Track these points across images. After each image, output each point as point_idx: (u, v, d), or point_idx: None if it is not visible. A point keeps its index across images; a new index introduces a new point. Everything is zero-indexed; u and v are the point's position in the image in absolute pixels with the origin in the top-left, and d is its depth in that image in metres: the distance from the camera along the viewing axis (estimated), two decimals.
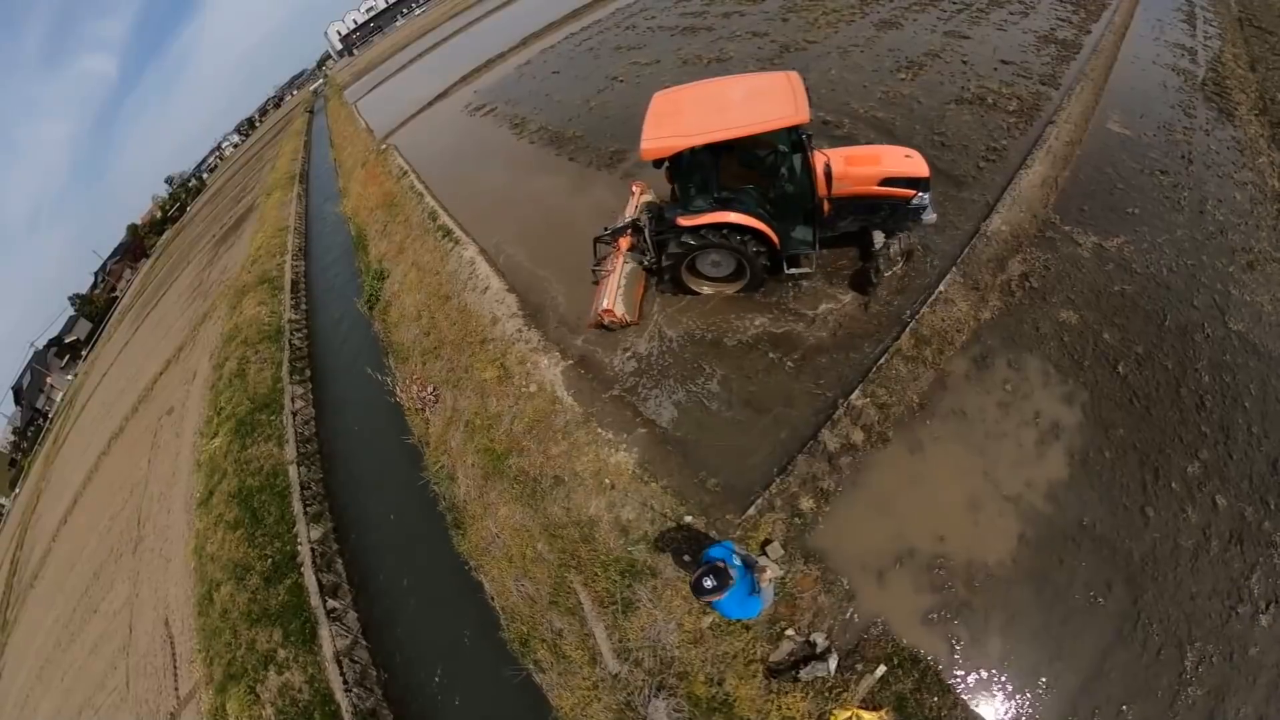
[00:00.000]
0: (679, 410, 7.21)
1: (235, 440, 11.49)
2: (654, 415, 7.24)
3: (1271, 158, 9.89)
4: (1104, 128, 10.48)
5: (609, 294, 8.13)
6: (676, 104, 7.14)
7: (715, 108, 6.77)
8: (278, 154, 46.46)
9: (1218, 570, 5.11)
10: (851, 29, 16.63)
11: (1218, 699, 4.56)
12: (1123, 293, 7.35)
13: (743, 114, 6.45)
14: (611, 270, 8.55)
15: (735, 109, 6.60)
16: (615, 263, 8.60)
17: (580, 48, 24.26)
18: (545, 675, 5.98)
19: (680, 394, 7.38)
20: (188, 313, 24.16)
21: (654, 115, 6.96)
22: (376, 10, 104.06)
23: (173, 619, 9.40)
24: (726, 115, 6.51)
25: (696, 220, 7.03)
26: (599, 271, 8.94)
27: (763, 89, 6.86)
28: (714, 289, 8.21)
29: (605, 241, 9.05)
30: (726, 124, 6.38)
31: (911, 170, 7.23)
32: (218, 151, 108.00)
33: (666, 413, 7.23)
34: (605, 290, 8.30)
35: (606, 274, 8.66)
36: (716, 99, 6.97)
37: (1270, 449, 5.77)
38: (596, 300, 8.41)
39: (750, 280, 7.85)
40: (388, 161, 21.18)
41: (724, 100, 6.87)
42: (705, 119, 6.60)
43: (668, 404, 7.33)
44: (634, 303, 8.35)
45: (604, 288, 8.42)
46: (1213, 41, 14.51)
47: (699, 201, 7.10)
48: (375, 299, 13.55)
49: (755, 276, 7.74)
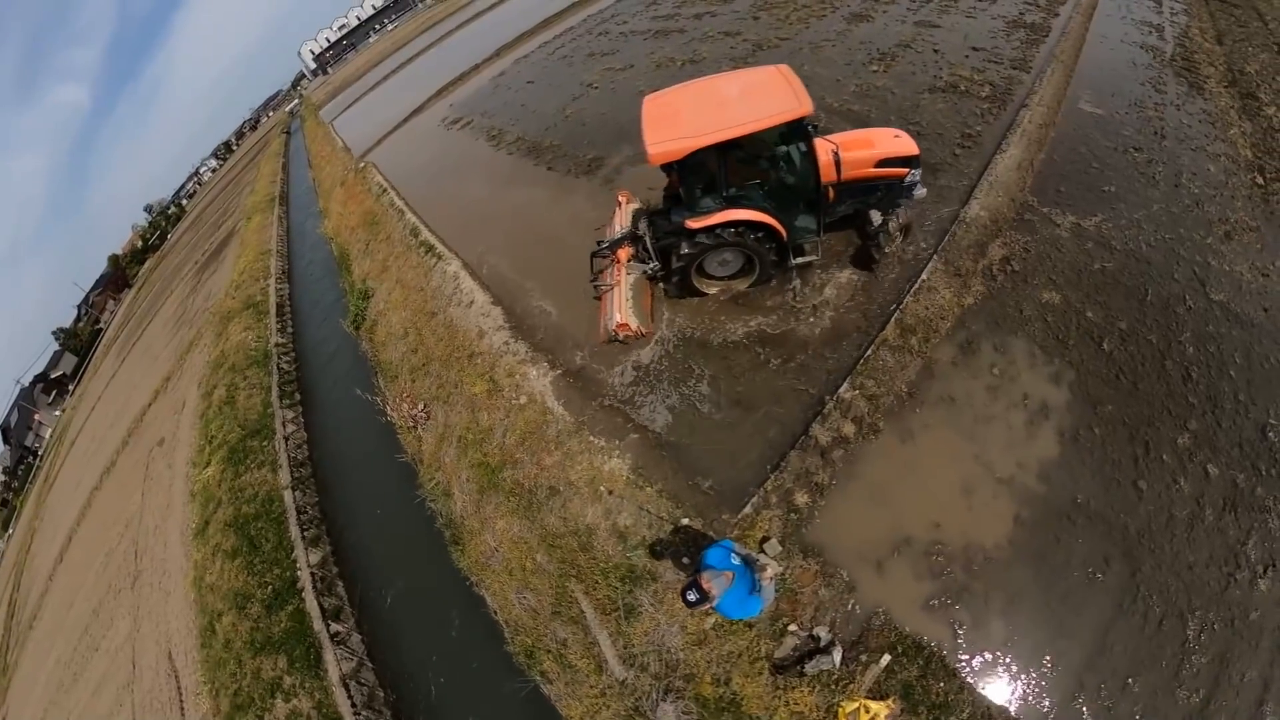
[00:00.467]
0: (674, 415, 7.22)
1: (228, 468, 11.39)
2: (649, 420, 7.23)
3: (1242, 128, 10.01)
4: (1076, 108, 10.59)
5: (618, 307, 8.01)
6: (671, 106, 7.01)
7: (714, 106, 6.67)
8: (256, 176, 46.20)
9: (1214, 538, 5.15)
10: (823, 24, 16.74)
11: (1221, 665, 4.59)
12: (1103, 270, 7.42)
13: (746, 110, 6.38)
14: (615, 283, 8.39)
15: (735, 106, 6.52)
16: (617, 275, 8.44)
17: (554, 56, 24.28)
18: (553, 686, 5.96)
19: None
20: (173, 342, 23.95)
21: (651, 120, 6.80)
22: (349, 28, 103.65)
23: (176, 652, 9.29)
24: (729, 113, 6.43)
25: (707, 221, 6.95)
26: (600, 286, 8.74)
27: (758, 84, 6.85)
28: (722, 288, 8.17)
29: (603, 255, 8.89)
30: (733, 121, 6.29)
31: (903, 150, 7.38)
32: (196, 177, 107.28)
33: (661, 417, 7.23)
34: (613, 304, 8.15)
35: (609, 288, 8.49)
36: (712, 98, 6.90)
37: (1258, 415, 5.83)
38: (605, 315, 8.27)
39: (759, 274, 7.84)
40: (366, 179, 21.10)
41: (720, 98, 6.82)
42: (707, 118, 6.47)
43: (678, 406, 7.29)
44: (645, 313, 8.22)
45: (610, 302, 8.26)
46: (1179, 17, 14.70)
47: (706, 201, 7.03)
48: (361, 318, 13.48)
49: (765, 270, 7.74)
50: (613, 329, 7.96)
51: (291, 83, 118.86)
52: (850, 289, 7.85)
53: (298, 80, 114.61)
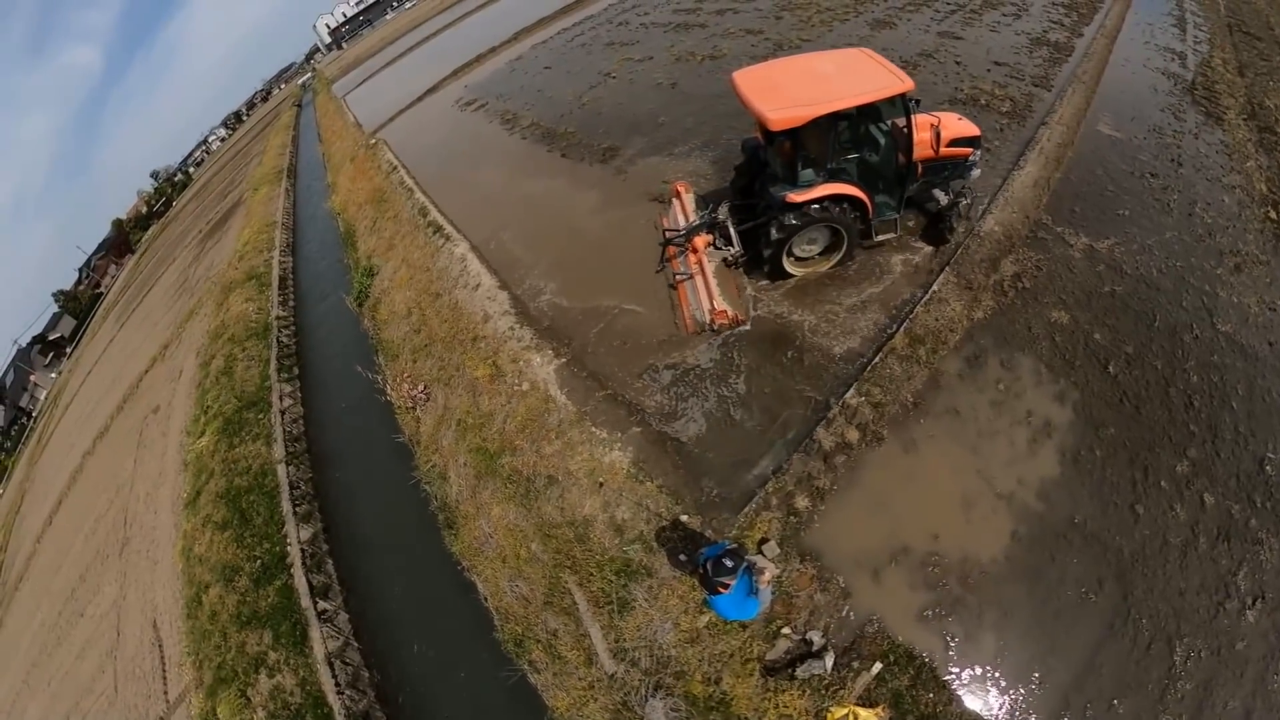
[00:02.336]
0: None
1: (223, 439, 11.33)
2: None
3: (1259, 162, 10.03)
4: (1095, 130, 10.59)
5: (711, 296, 7.82)
6: (769, 80, 7.02)
7: (815, 80, 6.75)
8: (265, 148, 45.87)
9: (1206, 566, 5.19)
10: (845, 27, 16.67)
11: (1206, 692, 4.64)
12: (1113, 293, 7.43)
13: (851, 84, 6.50)
14: (698, 272, 8.21)
15: (837, 81, 6.64)
16: (700, 262, 8.23)
17: (572, 43, 24.13)
18: (540, 676, 5.96)
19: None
20: (174, 309, 23.80)
21: (753, 92, 6.75)
22: (366, 3, 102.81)
23: (161, 621, 9.26)
24: (835, 86, 6.53)
25: (810, 194, 6.90)
26: (677, 276, 8.52)
27: (850, 63, 7.02)
28: (807, 270, 8.10)
29: (678, 244, 8.67)
30: (846, 93, 6.38)
31: (968, 131, 7.50)
32: (204, 146, 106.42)
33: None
34: (701, 293, 7.98)
35: (689, 276, 8.32)
36: (809, 74, 6.96)
37: (1257, 448, 5.86)
38: (688, 305, 8.10)
39: (846, 252, 7.79)
40: (377, 156, 20.96)
41: (818, 74, 6.90)
42: (816, 90, 6.52)
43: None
44: (734, 300, 7.97)
45: (697, 291, 8.06)
46: (1202, 46, 14.69)
47: (807, 174, 7.02)
48: (365, 295, 13.41)
49: (852, 247, 7.74)
50: (709, 319, 7.75)
51: (305, 56, 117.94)
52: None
53: (312, 54, 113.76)
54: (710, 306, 7.76)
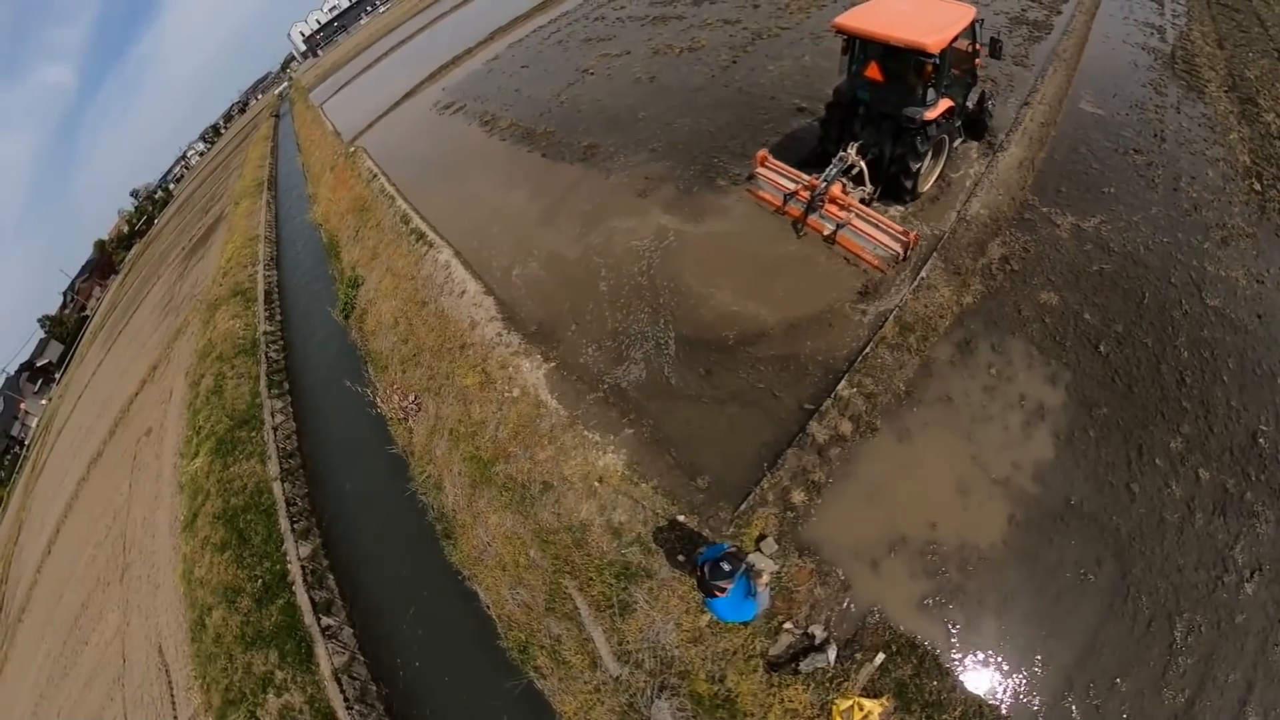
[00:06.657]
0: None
1: (216, 459, 11.23)
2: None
3: (1241, 133, 10.03)
4: (1077, 108, 10.57)
5: (889, 229, 7.88)
6: (882, 16, 7.65)
7: (919, 14, 7.57)
8: (244, 160, 45.25)
9: (1203, 542, 5.22)
10: (824, 14, 16.53)
11: (1207, 666, 4.67)
12: (1101, 272, 7.43)
13: (947, 13, 7.55)
14: (858, 212, 8.15)
15: (933, 13, 7.59)
16: (850, 205, 8.19)
17: (548, 41, 23.88)
18: (546, 681, 5.96)
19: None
20: (160, 329, 23.53)
21: (883, 27, 7.40)
22: (340, 9, 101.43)
23: (166, 646, 9.20)
24: (940, 16, 7.48)
25: (938, 110, 7.71)
26: (833, 229, 8.40)
27: (918, 2, 7.98)
28: (935, 183, 8.93)
29: (818, 197, 8.32)
30: (956, 18, 7.41)
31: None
32: (183, 161, 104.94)
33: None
34: (878, 228, 7.98)
35: (843, 225, 8.24)
36: (904, 13, 7.65)
37: (1249, 421, 5.88)
38: (866, 249, 8.05)
39: (947, 160, 8.98)
40: (357, 164, 20.72)
41: (910, 12, 7.65)
42: (932, 20, 7.36)
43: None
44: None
45: (867, 230, 8.03)
46: (1181, 19, 14.65)
47: (931, 95, 7.68)
48: (351, 307, 13.28)
49: (953, 155, 9.01)
50: (902, 248, 7.70)
51: (281, 65, 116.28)
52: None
53: (287, 62, 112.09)
54: (898, 236, 7.79)
